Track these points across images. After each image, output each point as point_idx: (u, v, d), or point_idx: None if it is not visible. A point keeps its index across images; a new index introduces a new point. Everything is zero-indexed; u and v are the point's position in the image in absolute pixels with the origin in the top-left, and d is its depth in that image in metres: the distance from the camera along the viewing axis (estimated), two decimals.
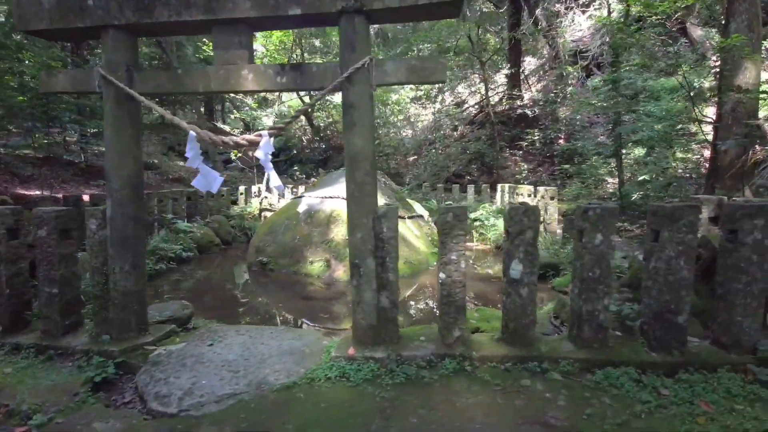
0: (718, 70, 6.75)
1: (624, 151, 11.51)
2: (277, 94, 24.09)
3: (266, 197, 11.07)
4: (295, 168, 18.60)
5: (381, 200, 7.00)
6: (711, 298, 2.91)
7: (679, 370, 2.52)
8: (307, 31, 15.66)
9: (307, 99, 18.93)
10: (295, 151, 19.02)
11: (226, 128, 23.85)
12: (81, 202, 6.72)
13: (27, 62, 9.59)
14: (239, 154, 14.13)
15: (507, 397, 2.38)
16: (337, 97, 21.19)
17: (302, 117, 19.32)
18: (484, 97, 15.43)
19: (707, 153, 8.81)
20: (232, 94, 25.93)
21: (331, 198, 6.76)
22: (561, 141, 15.60)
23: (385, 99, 17.19)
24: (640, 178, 7.76)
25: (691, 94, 7.04)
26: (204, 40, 15.99)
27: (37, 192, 9.45)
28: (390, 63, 2.68)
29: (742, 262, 2.57)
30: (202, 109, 21.65)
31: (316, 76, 2.72)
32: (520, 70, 16.41)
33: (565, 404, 2.31)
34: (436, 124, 18.30)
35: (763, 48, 7.42)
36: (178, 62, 14.49)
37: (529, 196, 8.37)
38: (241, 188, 11.01)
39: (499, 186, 10.63)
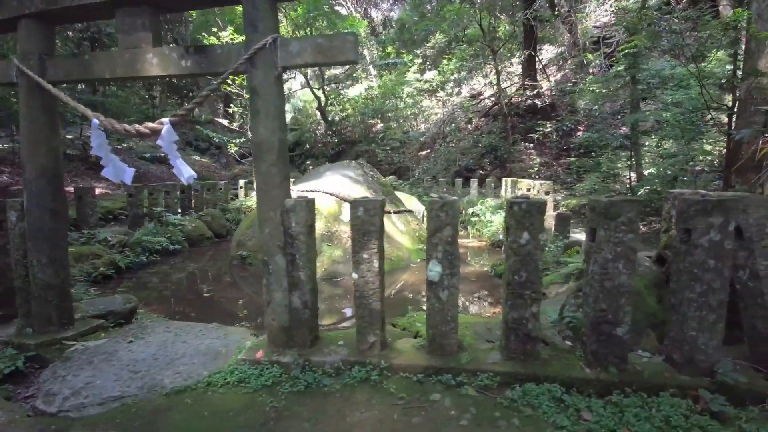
0: (734, 53, 6.05)
1: (647, 143, 10.74)
2: (293, 88, 24.21)
3: None
4: (308, 162, 18.61)
5: (365, 194, 6.79)
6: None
7: (613, 391, 2.18)
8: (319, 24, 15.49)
9: (319, 93, 18.88)
10: (308, 146, 19.02)
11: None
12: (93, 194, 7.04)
13: None
14: (236, 147, 14.19)
15: (406, 413, 2.13)
16: (353, 90, 21.05)
17: (317, 111, 19.31)
18: (496, 88, 14.83)
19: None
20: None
21: (310, 192, 6.60)
22: (580, 133, 14.78)
23: (397, 92, 16.86)
24: (647, 172, 7.14)
25: (715, 79, 6.35)
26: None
27: None
28: (295, 43, 2.45)
29: (695, 268, 2.18)
30: (221, 105, 22.05)
31: (221, 59, 2.53)
32: (537, 59, 15.64)
33: (468, 425, 2.03)
34: (450, 117, 17.81)
35: None
36: None
37: (528, 190, 7.91)
38: (242, 182, 11.07)
39: (503, 180, 10.16)
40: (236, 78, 9.65)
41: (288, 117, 23.15)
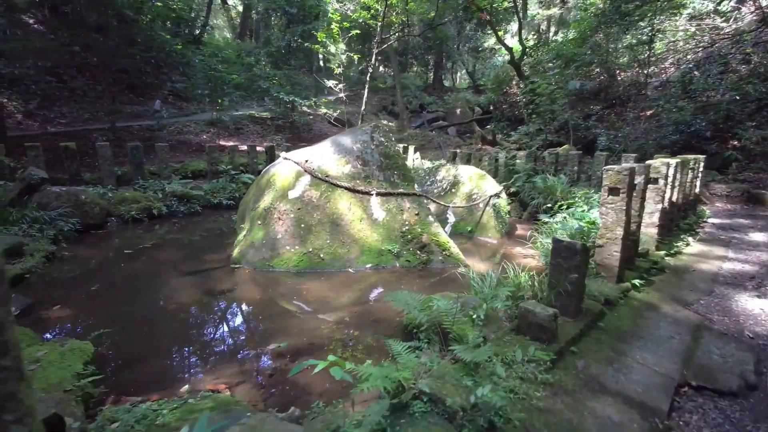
0: None
1: None
2: (492, 46, 21.14)
3: None
4: (488, 126, 16.19)
5: (344, 167, 5.29)
6: None
7: None
8: None
9: (515, 43, 15.61)
10: (492, 107, 16.46)
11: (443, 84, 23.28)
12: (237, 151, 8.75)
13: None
14: (327, 110, 13.57)
15: None
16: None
17: (513, 70, 16.19)
18: None
19: None
20: (460, 47, 24.77)
21: (286, 160, 5.66)
22: None
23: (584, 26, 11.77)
24: None
25: None
26: None
27: (232, 143, 12.73)
28: None
29: None
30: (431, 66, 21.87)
31: None
32: None
33: None
34: (706, 53, 11.12)
35: None
36: None
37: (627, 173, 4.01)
38: None
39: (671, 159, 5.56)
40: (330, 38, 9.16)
41: (493, 74, 20.68)
